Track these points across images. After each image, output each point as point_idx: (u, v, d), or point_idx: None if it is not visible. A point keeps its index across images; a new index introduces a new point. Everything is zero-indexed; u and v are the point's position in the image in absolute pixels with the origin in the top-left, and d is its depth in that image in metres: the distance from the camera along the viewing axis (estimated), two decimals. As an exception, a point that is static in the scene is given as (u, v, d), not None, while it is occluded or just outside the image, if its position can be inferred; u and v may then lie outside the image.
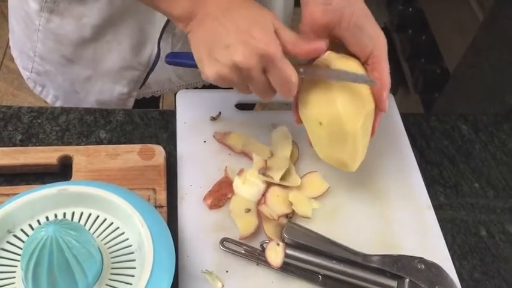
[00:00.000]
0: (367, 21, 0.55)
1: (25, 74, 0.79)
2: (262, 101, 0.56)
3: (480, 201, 0.64)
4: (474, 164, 0.68)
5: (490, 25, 0.87)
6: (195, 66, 0.54)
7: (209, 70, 0.52)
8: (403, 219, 0.59)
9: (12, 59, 0.82)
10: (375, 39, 0.55)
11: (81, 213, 0.50)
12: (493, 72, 0.90)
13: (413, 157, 0.65)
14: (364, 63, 0.56)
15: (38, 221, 0.49)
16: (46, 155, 0.57)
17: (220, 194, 0.58)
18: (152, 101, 0.85)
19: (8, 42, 1.84)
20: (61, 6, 0.67)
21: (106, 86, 0.75)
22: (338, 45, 0.56)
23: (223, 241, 0.54)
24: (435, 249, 0.57)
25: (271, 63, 0.50)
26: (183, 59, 0.59)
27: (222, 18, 0.51)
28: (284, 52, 0.51)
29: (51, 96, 0.78)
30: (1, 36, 1.85)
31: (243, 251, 0.54)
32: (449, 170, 0.67)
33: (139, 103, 0.79)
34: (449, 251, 0.57)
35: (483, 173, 0.67)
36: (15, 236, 0.48)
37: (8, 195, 0.53)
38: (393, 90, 0.70)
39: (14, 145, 0.60)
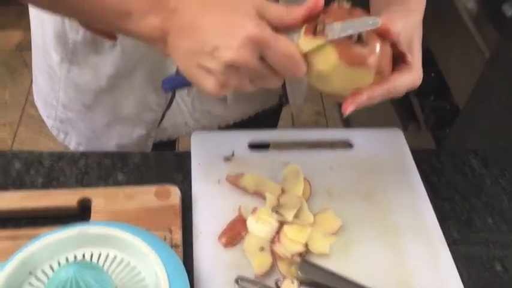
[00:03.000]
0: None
1: (49, 122, 0.82)
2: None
3: (494, 236, 0.64)
4: (486, 198, 0.68)
5: (496, 61, 0.89)
6: (190, 85, 0.52)
7: (206, 84, 0.48)
8: (416, 254, 0.59)
9: (33, 106, 0.85)
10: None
11: (100, 254, 0.51)
12: (501, 108, 0.91)
13: (425, 192, 0.66)
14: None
15: (58, 262, 0.50)
16: (66, 198, 0.59)
17: (235, 233, 0.59)
18: (169, 144, 0.88)
19: (29, 89, 1.91)
20: (79, 57, 0.70)
21: (125, 130, 0.78)
22: None
23: (238, 279, 0.55)
24: (450, 285, 0.57)
25: (264, 46, 0.45)
26: (178, 82, 0.55)
27: (197, 23, 0.47)
28: (278, 28, 0.47)
29: (73, 143, 0.81)
30: (23, 84, 1.92)
31: (258, 290, 0.54)
32: (461, 205, 0.67)
33: (157, 146, 0.82)
34: (464, 287, 0.57)
35: (495, 207, 0.67)
36: (36, 277, 0.49)
37: (29, 237, 0.54)
38: (404, 127, 0.72)
39: (36, 188, 0.63)
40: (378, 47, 0.50)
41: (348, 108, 0.52)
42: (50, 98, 0.78)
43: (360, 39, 0.48)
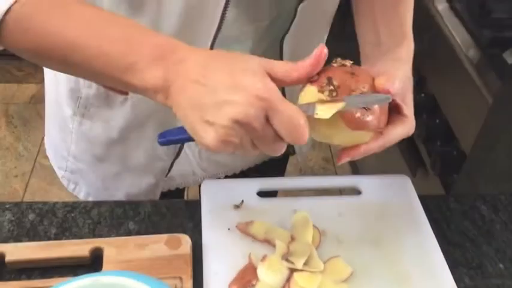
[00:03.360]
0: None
1: (59, 173, 0.84)
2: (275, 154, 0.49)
3: (506, 282, 0.64)
4: (497, 244, 0.68)
5: (498, 107, 0.91)
6: (188, 139, 0.51)
7: (207, 137, 0.46)
8: (428, 302, 0.59)
9: (45, 157, 0.87)
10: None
11: (112, 304, 0.52)
12: (505, 153, 0.92)
13: (435, 239, 0.66)
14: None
15: (71, 312, 0.51)
16: (79, 248, 0.60)
17: (246, 281, 0.59)
18: (177, 193, 0.89)
19: (42, 141, 1.95)
20: (91, 111, 0.72)
21: (135, 180, 0.79)
22: None
23: (249, 329, 0.55)
24: (464, 333, 0.56)
25: (271, 107, 0.45)
26: (175, 136, 0.53)
27: (203, 79, 0.46)
28: (285, 85, 0.48)
29: (83, 193, 0.82)
30: (36, 135, 1.97)
31: None
32: (472, 251, 0.67)
33: (166, 195, 0.83)
34: (478, 335, 0.56)
35: (506, 253, 0.67)
36: (48, 327, 0.50)
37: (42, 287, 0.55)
38: (412, 173, 0.73)
39: (49, 239, 0.64)
40: (378, 110, 0.53)
41: (342, 160, 0.56)
42: (61, 149, 0.80)
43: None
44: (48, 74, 0.79)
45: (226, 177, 0.85)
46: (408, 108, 0.57)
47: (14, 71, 2.20)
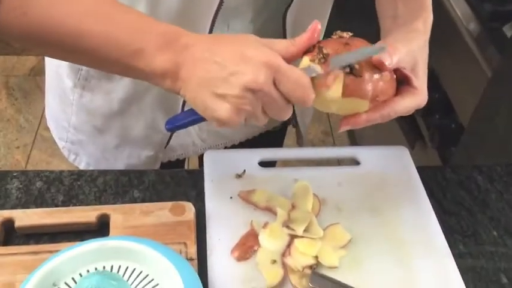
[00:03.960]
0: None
1: (60, 144, 0.85)
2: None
3: (499, 249, 0.66)
4: (491, 213, 0.70)
5: (497, 81, 0.92)
6: (196, 121, 0.53)
7: (220, 110, 0.49)
8: (424, 267, 0.61)
9: (46, 128, 0.88)
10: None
11: (119, 266, 0.54)
12: (504, 125, 0.93)
13: (431, 208, 0.68)
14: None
15: (80, 274, 0.53)
16: (86, 214, 0.62)
17: (247, 247, 0.61)
18: (177, 164, 0.90)
19: (42, 113, 1.96)
20: (92, 83, 0.73)
21: (134, 151, 0.80)
22: None
23: (251, 291, 0.57)
24: (457, 296, 0.59)
25: (278, 72, 0.49)
26: (181, 120, 0.55)
27: (211, 57, 0.49)
28: (286, 60, 0.51)
29: (83, 164, 0.84)
30: (36, 108, 1.97)
31: (270, 301, 0.56)
32: (467, 220, 0.69)
33: (166, 167, 0.84)
34: (471, 299, 0.59)
35: (500, 221, 0.69)
36: (59, 288, 0.52)
37: (51, 251, 0.57)
38: (411, 146, 0.74)
39: (56, 206, 0.65)
40: (370, 76, 0.53)
41: (343, 128, 0.56)
42: (62, 121, 0.81)
43: (352, 70, 0.52)
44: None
45: (226, 148, 0.86)
46: (419, 80, 0.57)
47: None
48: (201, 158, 0.96)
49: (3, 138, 1.88)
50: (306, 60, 0.53)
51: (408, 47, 0.57)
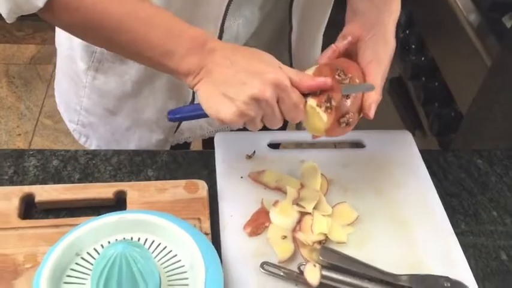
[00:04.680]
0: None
1: (71, 126, 0.86)
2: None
3: (499, 228, 0.69)
4: (491, 194, 0.73)
5: (497, 70, 0.94)
6: (199, 117, 0.59)
7: (226, 111, 0.55)
8: (427, 243, 0.64)
9: (47, 116, 0.90)
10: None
11: (139, 238, 0.56)
12: (502, 113, 0.96)
13: (434, 188, 0.71)
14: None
15: (102, 245, 0.55)
16: (103, 190, 0.64)
17: (259, 223, 0.64)
18: (184, 146, 0.92)
19: (43, 101, 1.97)
20: (106, 65, 0.75)
21: (144, 135, 0.82)
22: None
23: (264, 264, 0.59)
24: (459, 270, 0.61)
25: (283, 91, 0.55)
26: (185, 113, 0.61)
27: (230, 64, 0.56)
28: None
29: (94, 146, 0.85)
30: (37, 96, 1.98)
31: (282, 273, 0.59)
32: (468, 201, 0.72)
33: (174, 149, 0.86)
34: (472, 273, 0.62)
35: (500, 202, 0.72)
36: (82, 258, 0.54)
37: (71, 225, 0.59)
38: (411, 133, 0.77)
39: (73, 183, 0.67)
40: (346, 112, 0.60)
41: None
42: (73, 103, 0.83)
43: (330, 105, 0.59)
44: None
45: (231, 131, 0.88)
46: (370, 76, 0.62)
47: (14, 31, 2.20)
48: (205, 142, 0.98)
49: (4, 126, 1.89)
50: (312, 103, 0.58)
51: (374, 49, 0.63)
